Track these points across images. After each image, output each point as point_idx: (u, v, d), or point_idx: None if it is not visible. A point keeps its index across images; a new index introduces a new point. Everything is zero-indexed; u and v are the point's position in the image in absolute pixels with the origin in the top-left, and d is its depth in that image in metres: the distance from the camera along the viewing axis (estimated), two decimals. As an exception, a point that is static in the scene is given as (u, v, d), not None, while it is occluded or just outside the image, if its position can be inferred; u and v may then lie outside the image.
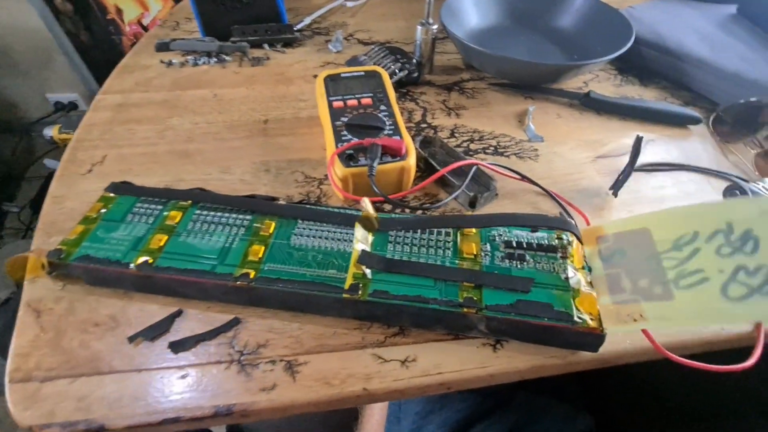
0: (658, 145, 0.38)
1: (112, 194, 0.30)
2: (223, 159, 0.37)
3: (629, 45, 0.41)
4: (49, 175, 1.13)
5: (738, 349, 0.24)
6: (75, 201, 0.32)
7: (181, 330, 0.25)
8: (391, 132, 0.33)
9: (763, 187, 0.33)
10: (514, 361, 0.24)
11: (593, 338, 0.22)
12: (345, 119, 0.34)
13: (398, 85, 0.44)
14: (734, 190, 0.33)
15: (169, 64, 0.48)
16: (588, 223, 0.30)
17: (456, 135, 0.39)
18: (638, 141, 0.31)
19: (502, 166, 0.34)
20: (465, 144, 0.38)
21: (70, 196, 0.33)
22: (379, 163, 0.30)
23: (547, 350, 0.24)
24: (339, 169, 0.30)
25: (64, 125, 1.17)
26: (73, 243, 0.27)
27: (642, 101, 0.42)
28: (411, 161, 0.31)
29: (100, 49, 1.15)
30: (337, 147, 0.31)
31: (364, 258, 0.25)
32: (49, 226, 0.30)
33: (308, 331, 0.25)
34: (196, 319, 0.26)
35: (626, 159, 0.37)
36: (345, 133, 0.33)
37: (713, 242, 0.20)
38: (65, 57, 1.18)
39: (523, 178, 0.34)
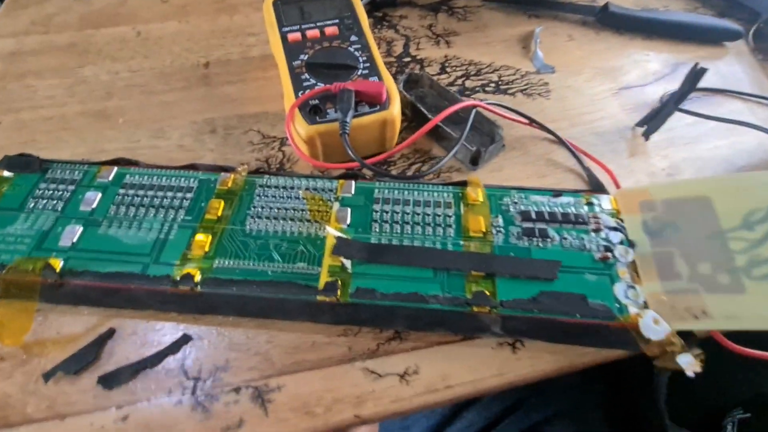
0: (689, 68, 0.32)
1: (6, 173, 0.23)
2: (154, 119, 0.29)
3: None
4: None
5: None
6: (-42, 189, 0.24)
7: (114, 355, 0.19)
8: (366, 72, 0.25)
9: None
10: (539, 362, 0.19)
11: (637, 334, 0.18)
12: (304, 57, 0.26)
13: (371, 7, 0.35)
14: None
15: (73, -8, 0.37)
16: (617, 185, 0.24)
17: (447, 70, 0.32)
18: (697, 73, 0.24)
19: (508, 108, 0.27)
20: (459, 81, 0.31)
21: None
22: (354, 116, 0.23)
23: (577, 347, 0.19)
24: (301, 127, 0.23)
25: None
26: (-49, 243, 0.20)
27: (670, 13, 0.34)
28: (395, 110, 0.24)
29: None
30: (296, 96, 0.24)
31: (342, 247, 0.19)
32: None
33: (279, 344, 0.20)
34: (132, 339, 0.20)
35: (655, 89, 0.30)
36: (306, 76, 0.25)
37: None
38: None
39: (533, 122, 0.27)
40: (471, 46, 0.33)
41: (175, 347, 0.20)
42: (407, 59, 0.32)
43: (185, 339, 0.20)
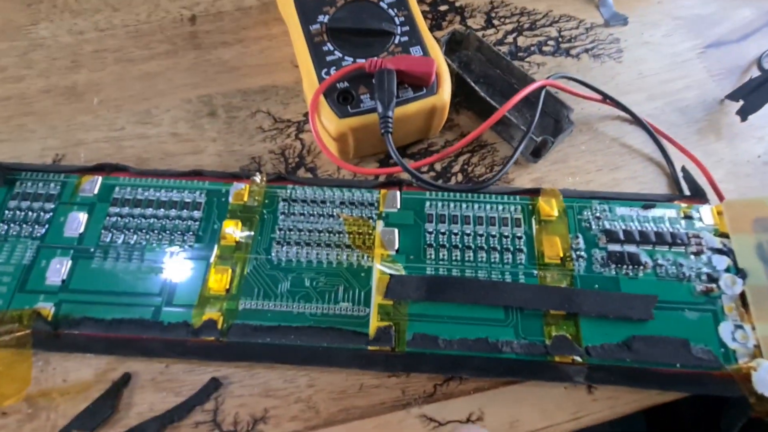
0: (791, 18, 0.26)
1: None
2: (137, 97, 0.23)
3: None
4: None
5: None
6: None
7: (134, 406, 0.17)
8: (405, 40, 0.19)
9: None
10: (618, 403, 0.17)
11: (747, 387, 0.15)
12: (324, 19, 0.20)
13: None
14: None
15: None
16: (719, 195, 0.19)
17: (494, 23, 0.25)
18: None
19: (580, 82, 0.22)
20: (510, 38, 0.25)
21: None
22: (396, 103, 0.18)
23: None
24: (330, 121, 0.18)
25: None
26: None
27: (771, -62, 0.27)
28: (445, 94, 0.19)
29: None
30: (320, 79, 0.19)
31: (396, 288, 0.16)
32: None
33: (323, 388, 0.17)
34: (153, 386, 0.17)
35: (748, 47, 0.25)
36: (329, 46, 0.19)
37: None
38: None
39: (606, 99, 0.22)
40: (522, -13, 0.27)
41: (203, 395, 0.17)
42: (444, 7, 0.26)
43: (214, 385, 0.17)
